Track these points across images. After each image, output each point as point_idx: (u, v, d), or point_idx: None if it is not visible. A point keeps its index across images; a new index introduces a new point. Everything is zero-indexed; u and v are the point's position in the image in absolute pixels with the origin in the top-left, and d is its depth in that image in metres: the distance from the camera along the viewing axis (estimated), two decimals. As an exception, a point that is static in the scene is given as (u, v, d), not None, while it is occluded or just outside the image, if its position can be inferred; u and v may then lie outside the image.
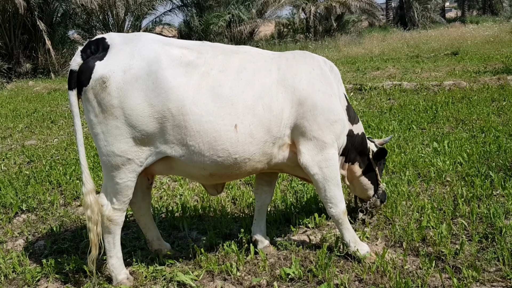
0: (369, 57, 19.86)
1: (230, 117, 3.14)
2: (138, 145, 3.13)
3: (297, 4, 32.93)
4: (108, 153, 3.13)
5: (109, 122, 3.07)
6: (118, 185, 3.21)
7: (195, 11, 28.36)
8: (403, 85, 11.70)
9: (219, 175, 3.36)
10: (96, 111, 3.08)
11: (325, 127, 3.37)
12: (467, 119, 7.80)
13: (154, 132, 3.11)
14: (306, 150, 3.39)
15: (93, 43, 3.16)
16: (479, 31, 26.26)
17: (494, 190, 4.67)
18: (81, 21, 24.95)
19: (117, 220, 3.30)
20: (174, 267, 3.63)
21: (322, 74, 3.49)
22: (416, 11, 39.74)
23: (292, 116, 3.32)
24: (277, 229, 4.23)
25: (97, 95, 3.05)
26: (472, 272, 3.24)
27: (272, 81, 3.31)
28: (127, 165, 3.16)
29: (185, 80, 3.10)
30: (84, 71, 3.08)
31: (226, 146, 3.17)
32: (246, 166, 3.32)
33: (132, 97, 3.03)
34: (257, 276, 3.46)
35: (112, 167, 3.16)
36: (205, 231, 4.28)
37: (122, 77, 3.02)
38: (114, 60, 3.06)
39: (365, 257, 3.53)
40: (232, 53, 3.37)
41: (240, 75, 3.24)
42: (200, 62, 3.19)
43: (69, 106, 3.23)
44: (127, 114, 3.05)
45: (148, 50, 3.11)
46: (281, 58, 3.48)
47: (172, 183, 5.81)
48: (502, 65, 13.73)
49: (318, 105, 3.34)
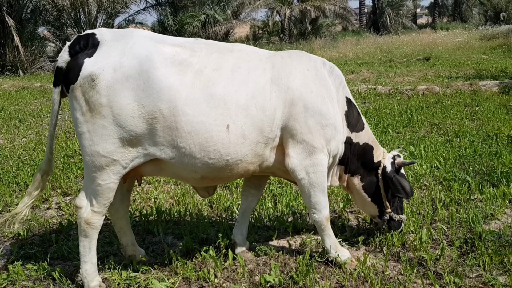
0: (343, 60, 20.02)
1: (223, 117, 3.04)
2: (125, 146, 3.00)
3: (272, 7, 32.95)
4: (93, 153, 2.99)
5: (96, 121, 2.94)
6: (100, 186, 3.06)
7: (169, 11, 28.04)
8: (378, 89, 11.80)
9: (210, 177, 3.25)
10: (83, 109, 2.94)
11: (315, 131, 3.26)
12: (441, 123, 7.89)
13: (143, 133, 2.98)
14: (295, 154, 3.29)
15: (82, 39, 3.03)
16: (450, 37, 26.85)
17: (471, 194, 4.69)
18: (52, 18, 24.24)
19: (96, 224, 3.14)
20: (148, 274, 3.48)
21: (316, 76, 3.38)
22: (388, 16, 40.41)
23: (284, 116, 3.21)
24: (256, 233, 4.12)
25: (85, 93, 2.92)
26: (454, 278, 3.21)
27: (266, 80, 3.22)
28: (111, 167, 3.02)
29: (177, 79, 2.98)
30: (72, 68, 2.95)
31: (217, 147, 3.06)
32: (238, 168, 3.21)
33: (121, 96, 2.90)
34: (235, 283, 3.35)
35: (95, 167, 3.02)
36: (181, 235, 4.14)
37: (112, 75, 2.90)
38: (104, 57, 2.93)
39: (346, 263, 3.47)
40: (226, 51, 3.27)
41: (234, 74, 3.14)
42: (193, 61, 3.08)
43: (51, 102, 3.10)
44: (115, 114, 2.92)
45: (140, 48, 2.99)
46: (276, 57, 3.39)
47: (147, 185, 5.63)
48: (473, 71, 14.02)
49: (309, 107, 3.23)
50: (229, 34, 30.74)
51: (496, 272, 3.35)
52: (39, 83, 16.61)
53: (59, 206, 5.01)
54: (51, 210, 4.91)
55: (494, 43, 23.01)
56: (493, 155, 5.71)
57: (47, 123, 9.89)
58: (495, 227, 4.05)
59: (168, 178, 5.71)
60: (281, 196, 4.90)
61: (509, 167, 5.19)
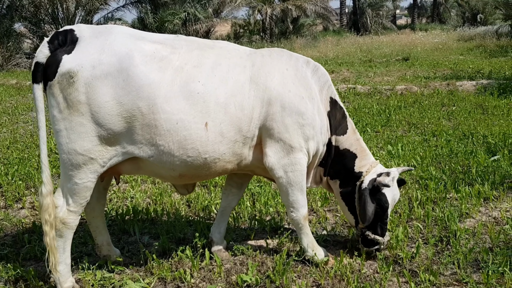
0: (324, 60, 20.10)
1: (201, 115, 3.02)
2: (103, 145, 2.95)
3: (253, 5, 32.90)
4: (70, 151, 2.93)
5: (74, 119, 2.89)
6: (76, 185, 3.00)
7: (150, 8, 27.73)
8: (357, 88, 11.88)
9: (188, 175, 3.22)
10: (60, 106, 2.89)
11: (293, 130, 3.25)
12: (419, 123, 7.98)
13: (122, 131, 2.94)
14: (272, 153, 3.27)
15: (60, 34, 2.97)
16: (428, 38, 27.23)
17: (447, 193, 4.75)
18: (29, 14, 23.68)
19: (71, 224, 3.08)
20: (123, 275, 3.43)
21: (296, 75, 3.36)
22: (368, 17, 40.74)
23: (262, 116, 3.20)
24: (234, 232, 4.10)
25: (63, 90, 2.86)
26: (429, 276, 3.24)
27: (246, 78, 3.20)
28: (88, 165, 2.97)
29: (157, 76, 2.95)
30: (50, 64, 2.89)
31: (196, 145, 3.04)
32: (216, 167, 3.19)
33: (100, 94, 2.86)
34: (212, 283, 3.32)
35: (72, 166, 2.96)
36: (157, 235, 4.08)
37: (91, 72, 2.85)
38: (83, 54, 2.89)
39: (323, 262, 3.47)
40: (207, 48, 3.24)
41: (214, 71, 3.12)
42: (174, 58, 3.05)
43: (34, 100, 3.01)
44: (94, 111, 2.88)
45: (119, 45, 2.95)
46: (257, 55, 3.37)
47: (123, 184, 5.55)
48: (451, 71, 14.24)
49: (286, 107, 3.22)
50: (210, 32, 30.62)
51: (470, 269, 3.39)
52: (15, 80, 16.26)
53: (33, 205, 4.90)
54: (24, 209, 4.79)
55: (471, 44, 23.44)
56: (469, 154, 5.79)
57: (22, 121, 9.69)
58: (470, 225, 4.10)
59: (145, 177, 5.64)
60: (260, 195, 4.88)
61: (484, 166, 5.27)
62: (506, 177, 5.00)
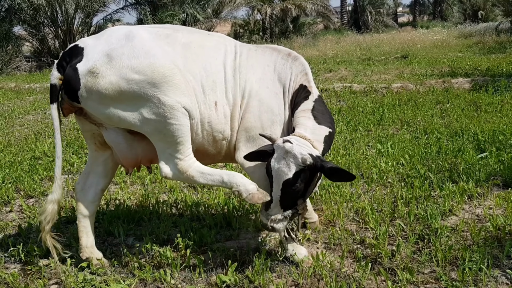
0: (323, 59, 20.07)
1: (213, 94, 3.27)
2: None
3: (253, 5, 32.91)
4: (159, 110, 3.07)
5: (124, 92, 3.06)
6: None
7: (149, 9, 27.81)
8: (353, 87, 11.86)
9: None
10: (106, 97, 3.05)
11: (267, 127, 3.35)
12: (411, 121, 7.96)
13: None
14: (245, 148, 3.36)
15: (67, 54, 3.19)
16: (428, 35, 27.09)
17: (432, 191, 4.75)
18: (28, 17, 23.83)
19: (197, 163, 3.35)
20: (105, 277, 3.46)
21: (274, 71, 3.46)
22: (369, 15, 40.65)
23: (242, 108, 3.37)
24: (217, 233, 4.12)
25: (93, 85, 3.03)
26: (407, 275, 3.25)
27: (236, 66, 3.40)
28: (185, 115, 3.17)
29: (169, 49, 3.16)
30: (69, 79, 3.10)
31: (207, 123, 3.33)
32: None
33: (124, 67, 3.04)
34: (192, 283, 3.35)
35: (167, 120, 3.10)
36: (142, 237, 4.11)
37: (107, 59, 3.04)
38: (93, 53, 3.10)
39: (303, 261, 3.49)
40: (206, 34, 3.51)
41: (215, 54, 3.35)
42: (178, 35, 3.27)
43: (51, 119, 3.21)
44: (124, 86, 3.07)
45: (121, 30, 3.21)
46: (246, 47, 3.57)
47: (113, 186, 5.58)
48: (448, 69, 14.17)
49: (264, 102, 3.34)
50: (210, 32, 30.64)
51: (449, 267, 3.40)
52: (14, 83, 16.36)
53: (21, 208, 4.94)
54: (12, 213, 4.84)
55: (471, 41, 23.30)
56: (457, 152, 5.78)
57: (18, 124, 9.75)
58: (453, 223, 4.10)
59: (135, 178, 5.67)
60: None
61: (471, 164, 5.27)
62: (492, 174, 4.99)
